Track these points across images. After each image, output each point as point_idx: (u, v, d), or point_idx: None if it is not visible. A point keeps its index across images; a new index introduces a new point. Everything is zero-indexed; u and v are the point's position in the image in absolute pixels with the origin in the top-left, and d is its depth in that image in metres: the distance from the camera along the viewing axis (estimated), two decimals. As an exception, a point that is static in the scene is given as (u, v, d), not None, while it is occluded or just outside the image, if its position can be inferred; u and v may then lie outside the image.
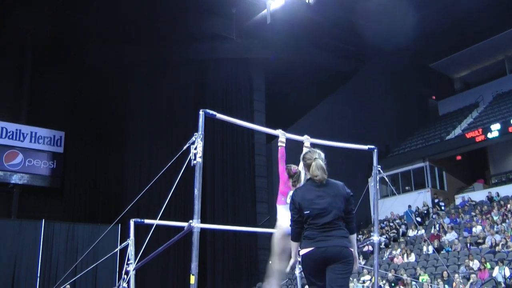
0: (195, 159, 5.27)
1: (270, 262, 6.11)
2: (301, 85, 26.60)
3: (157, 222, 6.50)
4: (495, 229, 18.65)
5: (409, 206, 24.92)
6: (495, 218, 19.85)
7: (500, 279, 14.25)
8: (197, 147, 5.28)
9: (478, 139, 25.02)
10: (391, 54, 28.59)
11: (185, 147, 5.40)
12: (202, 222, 5.39)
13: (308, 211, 4.51)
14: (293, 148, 6.40)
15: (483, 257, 15.93)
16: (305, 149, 5.80)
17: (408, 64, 31.00)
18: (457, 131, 28.38)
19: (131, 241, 8.07)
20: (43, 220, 20.92)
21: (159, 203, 5.97)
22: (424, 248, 19.70)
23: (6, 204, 23.47)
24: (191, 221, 5.22)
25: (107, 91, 24.33)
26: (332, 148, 6.44)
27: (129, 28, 22.83)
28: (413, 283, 15.24)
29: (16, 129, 23.99)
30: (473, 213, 21.78)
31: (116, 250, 9.38)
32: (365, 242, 17.25)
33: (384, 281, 16.51)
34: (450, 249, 18.61)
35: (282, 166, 5.91)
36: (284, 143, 6.13)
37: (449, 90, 34.81)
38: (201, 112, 5.48)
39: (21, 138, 24.07)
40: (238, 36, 24.77)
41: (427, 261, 18.38)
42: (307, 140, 6.36)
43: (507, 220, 19.14)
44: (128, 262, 7.85)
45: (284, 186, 5.88)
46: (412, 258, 19.10)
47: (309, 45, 26.26)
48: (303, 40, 25.37)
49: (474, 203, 23.61)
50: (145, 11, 22.35)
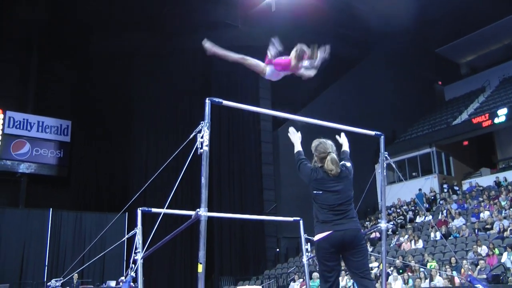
0: (201, 147, 5.24)
1: None
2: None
3: (164, 210, 6.47)
4: (503, 214, 18.57)
5: (420, 189, 25.00)
6: (503, 203, 19.76)
7: (508, 264, 14.20)
8: (203, 136, 5.24)
9: (485, 124, 24.90)
10: (397, 39, 28.42)
11: (191, 136, 5.37)
12: (209, 210, 5.37)
13: (320, 192, 4.67)
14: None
15: (491, 242, 15.88)
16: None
17: (414, 50, 30.83)
18: (464, 116, 28.24)
19: (138, 230, 8.05)
20: (51, 209, 21.01)
21: (166, 191, 5.95)
22: (432, 234, 19.64)
23: (14, 193, 23.61)
24: (198, 209, 5.19)
25: (114, 80, 24.36)
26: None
27: (135, 16, 22.83)
28: (421, 269, 15.22)
29: (23, 119, 24.06)
30: (480, 199, 21.70)
31: (123, 239, 9.39)
32: (372, 228, 17.20)
33: (391, 268, 16.49)
34: (457, 235, 18.55)
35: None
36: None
37: (455, 75, 34.63)
38: (207, 101, 5.44)
39: (28, 128, 24.14)
40: (243, 24, 24.68)
41: (435, 247, 18.33)
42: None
43: (515, 205, 19.09)
44: (136, 251, 7.84)
45: (285, 64, 6.68)
46: (420, 244, 19.06)
47: (313, 32, 26.11)
48: (308, 26, 25.21)
49: (481, 188, 23.53)
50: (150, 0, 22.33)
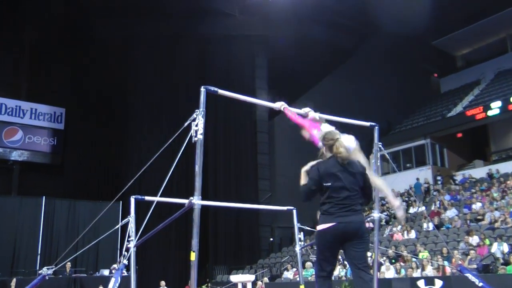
0: (196, 136, 5.24)
1: None
2: (303, 62, 26.49)
3: (157, 199, 6.46)
4: (494, 205, 18.69)
5: (417, 178, 25.18)
6: (495, 195, 19.87)
7: (498, 254, 14.31)
8: (198, 124, 5.23)
9: (479, 116, 25.00)
10: (394, 31, 28.39)
11: (186, 124, 5.36)
12: (204, 199, 5.37)
13: (329, 183, 4.59)
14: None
15: (483, 233, 15.99)
16: (323, 127, 5.79)
17: (410, 42, 30.77)
18: (458, 108, 28.30)
19: (131, 218, 8.04)
20: (44, 196, 20.95)
21: (161, 179, 5.94)
22: (425, 225, 19.75)
23: (6, 181, 23.50)
24: (191, 198, 5.19)
25: (109, 67, 24.26)
26: (333, 125, 6.39)
27: (132, 2, 22.66)
28: (413, 259, 15.31)
29: (16, 106, 23.91)
30: (473, 190, 21.81)
31: (117, 226, 9.37)
32: (365, 219, 17.29)
33: (384, 258, 16.58)
34: (450, 225, 18.66)
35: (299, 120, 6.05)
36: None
37: (451, 67, 34.64)
38: (202, 89, 5.42)
39: (21, 115, 23.99)
40: (241, 13, 24.61)
41: (427, 237, 18.44)
42: (311, 112, 6.33)
43: (506, 197, 19.18)
44: (129, 239, 7.84)
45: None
46: (413, 234, 19.16)
47: (311, 22, 26.08)
48: (305, 17, 25.18)
49: (474, 180, 23.63)
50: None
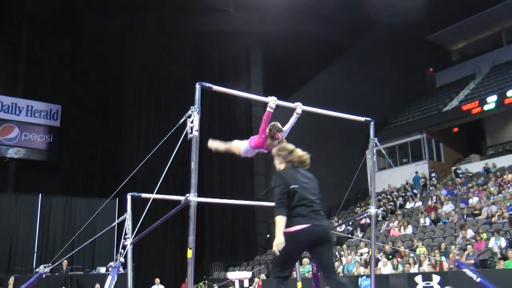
0: (191, 132, 5.23)
1: None
2: (299, 57, 26.45)
3: (153, 196, 6.47)
4: (491, 200, 18.71)
5: (416, 172, 25.33)
6: (491, 189, 19.90)
7: (496, 249, 14.33)
8: (193, 121, 5.22)
9: (474, 111, 25.03)
10: (389, 26, 28.38)
11: (181, 121, 5.35)
12: (200, 195, 5.37)
13: (297, 185, 4.64)
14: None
15: (480, 227, 16.02)
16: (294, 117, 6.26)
17: (405, 36, 30.76)
18: (454, 102, 28.32)
19: (128, 215, 8.05)
20: (40, 194, 20.91)
21: (158, 176, 5.94)
22: (421, 220, 19.77)
23: (2, 178, 23.38)
24: (187, 194, 5.19)
25: (104, 63, 24.24)
26: (329, 120, 6.41)
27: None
28: (411, 255, 15.32)
29: (12, 103, 23.81)
30: (469, 185, 21.84)
31: (113, 224, 9.38)
32: (362, 214, 17.28)
33: (381, 253, 16.59)
34: (446, 220, 18.68)
35: (264, 126, 6.21)
36: (273, 109, 6.26)
37: (446, 61, 34.65)
38: (197, 85, 5.41)
39: (17, 112, 23.90)
40: (235, 8, 24.55)
41: (424, 233, 18.46)
42: (299, 108, 6.43)
43: (503, 191, 19.21)
44: (125, 237, 7.84)
45: (258, 143, 6.36)
46: (409, 230, 19.18)
47: (306, 17, 26.00)
48: (300, 12, 25.11)
49: (471, 174, 23.66)
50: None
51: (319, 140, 26.83)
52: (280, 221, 4.49)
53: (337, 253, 18.41)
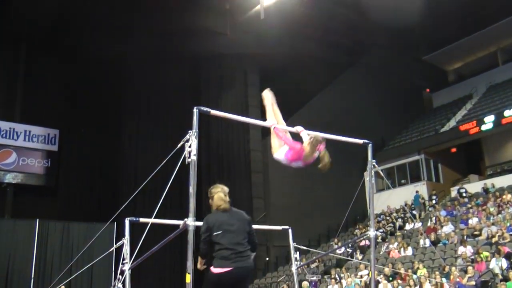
0: (189, 157, 5.21)
1: None
2: (296, 79, 26.54)
3: (152, 220, 6.41)
4: (491, 220, 18.65)
5: (417, 191, 25.27)
6: (491, 209, 19.84)
7: (497, 270, 14.25)
8: (191, 145, 5.21)
9: (472, 131, 25.06)
10: (385, 47, 28.57)
11: (179, 145, 5.34)
12: (198, 219, 5.35)
13: (220, 231, 4.98)
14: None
15: (480, 248, 15.94)
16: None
17: (402, 57, 30.95)
18: (452, 123, 28.38)
19: (126, 240, 7.98)
20: (37, 219, 20.78)
21: (156, 199, 5.91)
22: (421, 241, 19.68)
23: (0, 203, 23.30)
24: (186, 219, 5.18)
25: (102, 87, 24.33)
26: (327, 141, 6.43)
27: (124, 22, 22.72)
28: (414, 276, 15.21)
29: (10, 128, 23.81)
30: (469, 205, 21.77)
31: (111, 249, 9.29)
32: (361, 236, 17.20)
33: (381, 276, 16.47)
34: (447, 241, 18.59)
35: (286, 140, 6.43)
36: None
37: (443, 82, 34.78)
38: (195, 110, 5.41)
39: (15, 137, 23.89)
40: (232, 32, 24.68)
41: (424, 254, 18.36)
42: (301, 131, 6.42)
43: (502, 211, 19.15)
44: (123, 262, 7.77)
45: (293, 157, 6.36)
46: (409, 251, 19.07)
47: (303, 39, 26.17)
48: (297, 34, 25.26)
49: (470, 194, 23.61)
50: (140, 4, 22.29)
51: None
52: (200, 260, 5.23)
53: (337, 276, 18.30)
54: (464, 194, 23.75)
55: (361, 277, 17.56)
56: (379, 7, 23.14)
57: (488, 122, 24.31)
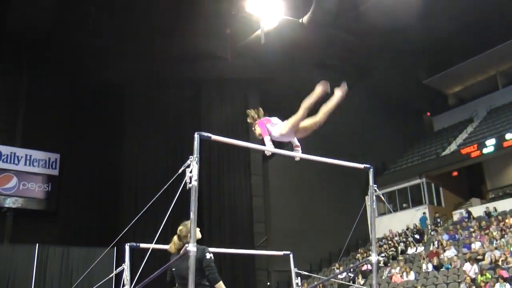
0: (190, 182, 5.20)
1: None
2: (296, 103, 26.51)
3: (152, 246, 6.38)
4: (494, 244, 18.53)
5: (424, 213, 25.33)
6: (494, 233, 19.74)
7: (501, 295, 14.13)
8: (192, 170, 5.20)
9: (474, 155, 25.07)
10: (385, 70, 28.68)
11: (180, 170, 5.33)
12: (199, 244, 5.32)
13: (174, 269, 5.76)
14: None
15: (483, 271, 15.81)
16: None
17: (402, 81, 31.07)
18: (453, 146, 28.39)
19: (126, 266, 7.92)
20: (37, 244, 20.66)
21: (157, 225, 5.88)
22: (424, 266, 19.54)
23: (-1, 228, 23.19)
24: (187, 245, 5.14)
25: (103, 112, 24.35)
26: (328, 165, 6.44)
27: (126, 47, 22.88)
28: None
29: (11, 152, 23.78)
30: (471, 229, 21.66)
31: (111, 275, 9.21)
32: (363, 261, 17.09)
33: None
34: (449, 266, 18.46)
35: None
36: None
37: (443, 105, 34.88)
38: (196, 135, 5.41)
39: (16, 161, 23.85)
40: (233, 56, 24.80)
41: (427, 279, 18.22)
42: (298, 156, 6.73)
43: (505, 236, 19.04)
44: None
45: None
46: (412, 276, 18.93)
47: (303, 64, 26.27)
48: (297, 59, 25.38)
49: (472, 218, 23.51)
50: (141, 29, 22.45)
51: (318, 185, 26.78)
52: None
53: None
54: (466, 219, 23.69)
55: (364, 302, 17.40)
56: (379, 31, 23.30)
57: (490, 145, 24.34)
